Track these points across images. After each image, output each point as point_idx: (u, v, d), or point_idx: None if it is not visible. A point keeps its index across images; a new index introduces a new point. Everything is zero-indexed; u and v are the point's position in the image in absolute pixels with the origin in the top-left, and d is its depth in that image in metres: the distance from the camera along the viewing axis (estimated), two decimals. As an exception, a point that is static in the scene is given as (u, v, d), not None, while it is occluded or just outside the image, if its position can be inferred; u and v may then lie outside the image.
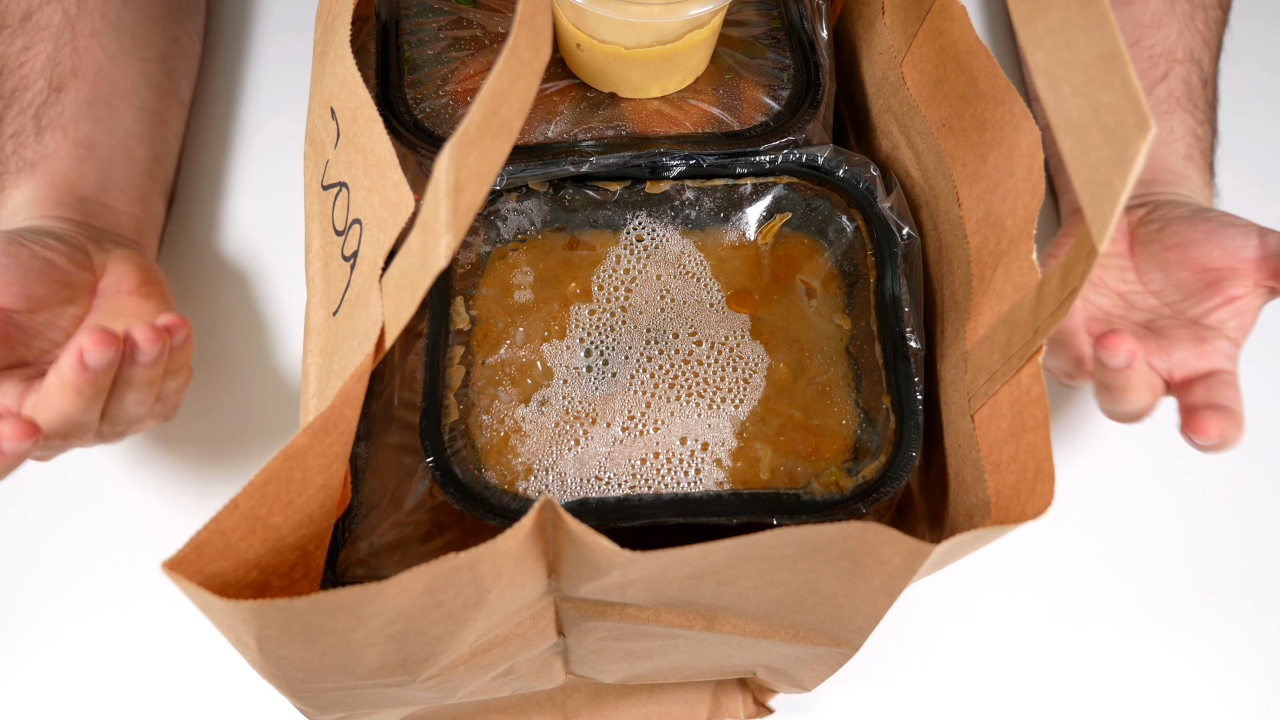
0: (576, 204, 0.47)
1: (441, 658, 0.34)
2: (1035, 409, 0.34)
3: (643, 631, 0.39)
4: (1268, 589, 0.58)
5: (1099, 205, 0.28)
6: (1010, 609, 0.57)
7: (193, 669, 0.54)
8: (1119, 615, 0.57)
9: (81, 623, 0.55)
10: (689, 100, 0.48)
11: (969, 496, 0.39)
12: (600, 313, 0.46)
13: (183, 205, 0.64)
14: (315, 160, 0.43)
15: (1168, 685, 0.56)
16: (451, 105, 0.48)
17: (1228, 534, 0.59)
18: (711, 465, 0.43)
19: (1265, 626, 0.57)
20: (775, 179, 0.47)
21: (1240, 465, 0.61)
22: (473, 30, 0.50)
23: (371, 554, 0.43)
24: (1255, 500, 0.60)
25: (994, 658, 0.56)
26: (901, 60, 0.46)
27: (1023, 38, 0.30)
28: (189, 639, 0.54)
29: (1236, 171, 0.69)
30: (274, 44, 0.70)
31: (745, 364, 0.45)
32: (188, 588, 0.27)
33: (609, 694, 0.53)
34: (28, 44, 0.56)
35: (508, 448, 0.43)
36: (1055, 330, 0.41)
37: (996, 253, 0.39)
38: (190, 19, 0.66)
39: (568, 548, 0.31)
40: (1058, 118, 0.29)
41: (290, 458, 0.30)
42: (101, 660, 0.54)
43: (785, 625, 0.38)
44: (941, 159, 0.44)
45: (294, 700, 0.36)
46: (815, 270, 0.47)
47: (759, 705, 0.54)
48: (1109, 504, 0.59)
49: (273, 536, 0.31)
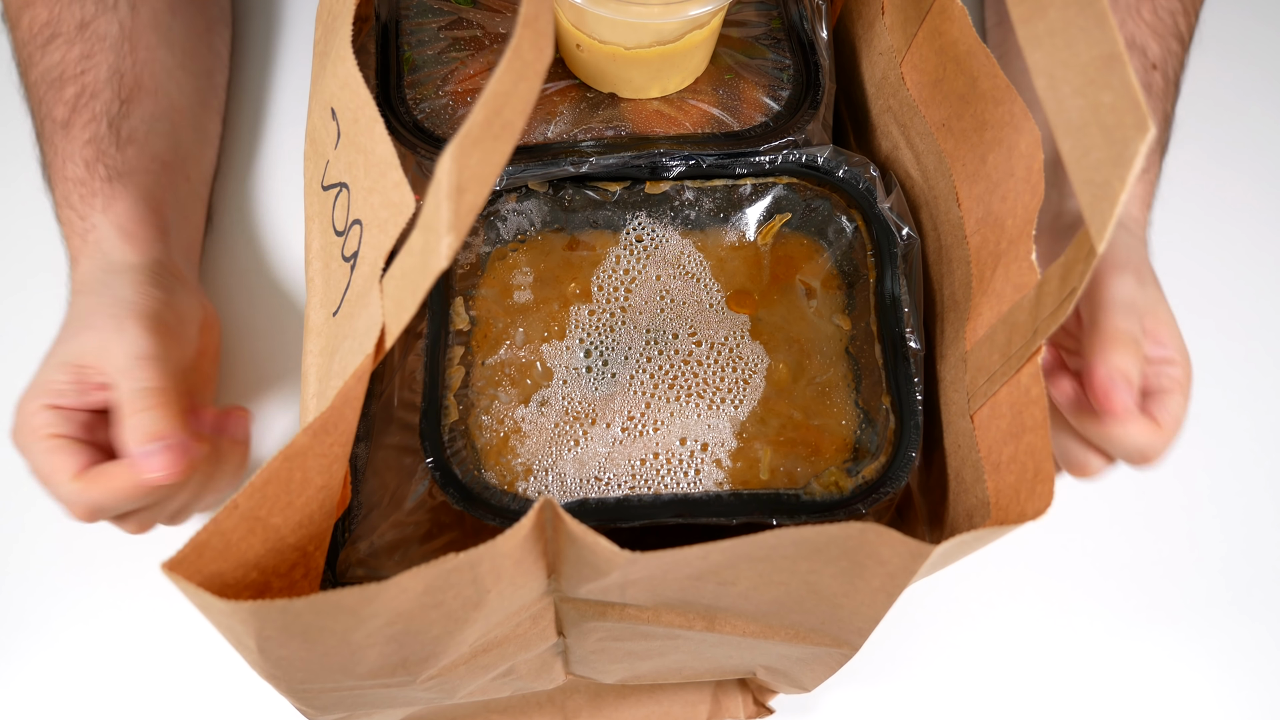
0: (576, 204, 0.47)
1: (441, 658, 0.34)
2: (1035, 409, 0.34)
3: (643, 632, 0.39)
4: (1265, 593, 0.58)
5: (1098, 205, 0.28)
6: (1010, 609, 0.57)
7: (193, 669, 0.54)
8: (1118, 615, 0.57)
9: (82, 623, 0.55)
10: (689, 100, 0.48)
11: (969, 497, 0.39)
12: (600, 313, 0.46)
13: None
14: (315, 160, 0.43)
15: (1166, 686, 0.56)
16: (451, 105, 0.48)
17: (1228, 535, 0.59)
18: (711, 466, 0.43)
19: (1262, 630, 0.57)
20: (775, 179, 0.47)
21: (1241, 468, 0.61)
22: (473, 30, 0.50)
23: (371, 554, 0.43)
24: (1255, 503, 0.60)
25: (994, 658, 0.56)
26: (901, 60, 0.46)
27: (1023, 38, 0.30)
28: (189, 640, 0.54)
29: (1236, 171, 0.69)
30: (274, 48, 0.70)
31: (745, 364, 0.45)
32: (187, 588, 0.27)
33: (609, 694, 0.53)
34: (86, 53, 0.56)
35: (507, 448, 0.43)
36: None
37: (996, 253, 0.39)
38: (226, 29, 0.66)
39: (568, 548, 0.31)
40: (1057, 118, 0.29)
41: (290, 458, 0.30)
42: (102, 661, 0.54)
43: (785, 626, 0.38)
44: (941, 159, 0.44)
45: (294, 700, 0.36)
46: (815, 270, 0.47)
47: (759, 705, 0.54)
48: (1109, 504, 0.59)
49: (272, 537, 0.31)
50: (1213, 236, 0.67)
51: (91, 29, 0.56)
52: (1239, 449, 0.61)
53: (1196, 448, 0.61)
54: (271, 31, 0.70)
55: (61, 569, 0.56)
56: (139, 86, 0.56)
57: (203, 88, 0.61)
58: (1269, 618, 0.57)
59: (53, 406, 0.47)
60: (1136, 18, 0.59)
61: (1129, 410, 0.43)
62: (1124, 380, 0.43)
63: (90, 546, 0.56)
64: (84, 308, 0.50)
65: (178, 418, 0.46)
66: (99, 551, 0.56)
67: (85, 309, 0.50)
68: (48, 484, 0.47)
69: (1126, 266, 0.48)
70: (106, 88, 0.55)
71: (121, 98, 0.56)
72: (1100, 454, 0.48)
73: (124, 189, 0.54)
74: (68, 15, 0.56)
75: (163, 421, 0.45)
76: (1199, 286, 0.65)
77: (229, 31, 0.67)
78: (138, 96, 0.56)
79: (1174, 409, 0.46)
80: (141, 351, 0.47)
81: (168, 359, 0.48)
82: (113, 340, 0.48)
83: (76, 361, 0.48)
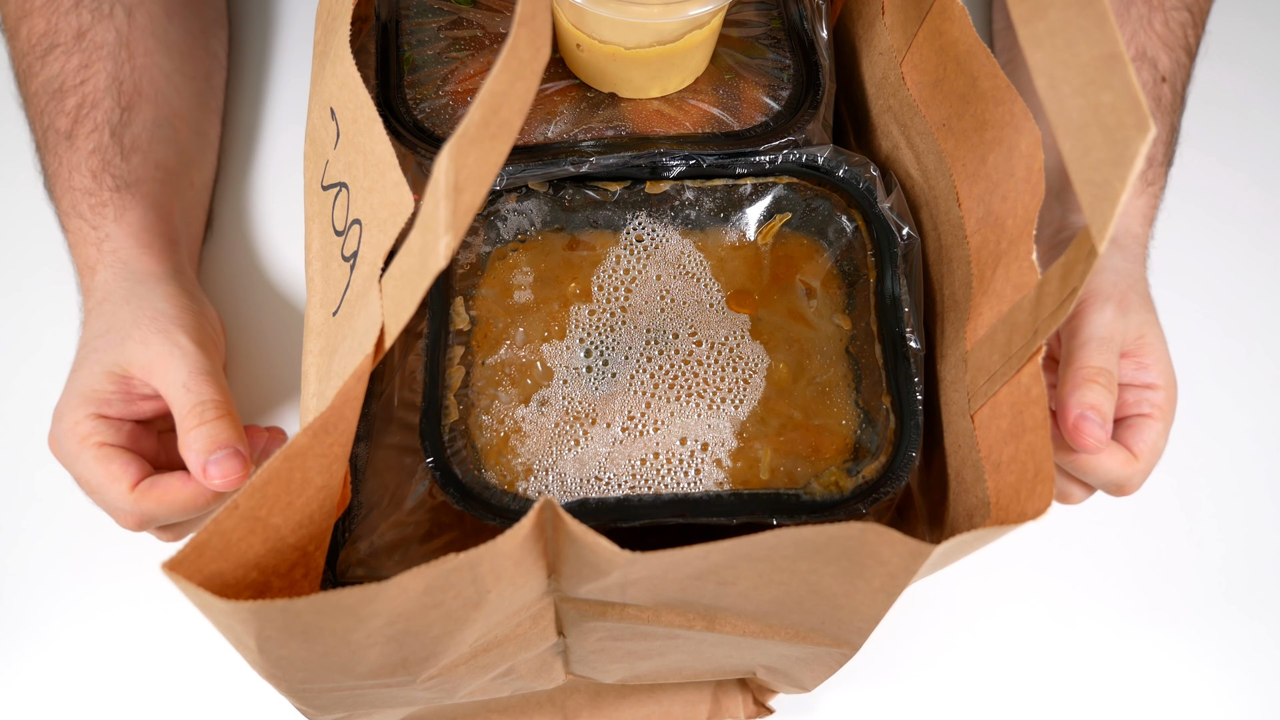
0: (576, 204, 0.47)
1: (441, 658, 0.34)
2: (1035, 409, 0.34)
3: (643, 632, 0.39)
4: (1267, 590, 0.58)
5: (1099, 205, 0.28)
6: (1010, 609, 0.57)
7: (193, 669, 0.54)
8: (1118, 615, 0.57)
9: (82, 624, 0.55)
10: (689, 100, 0.48)
11: (969, 497, 0.39)
12: (600, 313, 0.46)
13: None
14: (315, 160, 0.43)
15: (1166, 686, 0.56)
16: (451, 105, 0.48)
17: (1228, 535, 0.59)
18: (711, 465, 0.43)
19: (1265, 627, 0.57)
20: (775, 179, 0.47)
21: (1242, 467, 0.61)
22: (473, 30, 0.50)
23: (371, 554, 0.43)
24: (1254, 503, 0.60)
25: (994, 658, 0.56)
26: (901, 60, 0.46)
27: (1023, 38, 0.30)
28: (189, 639, 0.54)
29: (1236, 171, 0.69)
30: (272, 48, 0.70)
31: (745, 364, 0.45)
32: (188, 588, 0.27)
33: (609, 694, 0.53)
34: (85, 62, 0.56)
35: (508, 448, 0.43)
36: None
37: (996, 253, 0.39)
38: (223, 31, 0.66)
39: (568, 548, 0.31)
40: (1057, 118, 0.29)
41: (290, 458, 0.30)
42: (102, 661, 0.54)
43: (785, 625, 0.38)
44: (941, 159, 0.44)
45: (294, 700, 0.36)
46: (815, 270, 0.47)
47: (759, 705, 0.54)
48: (1109, 504, 0.59)
49: (273, 537, 0.31)
50: (1213, 236, 0.67)
51: (89, 38, 0.56)
52: (1239, 449, 0.61)
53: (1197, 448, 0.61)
54: (269, 32, 0.70)
55: (61, 569, 0.56)
56: (139, 93, 0.57)
57: (202, 91, 0.61)
58: (1269, 618, 0.57)
59: (99, 416, 0.48)
60: (1149, 29, 0.59)
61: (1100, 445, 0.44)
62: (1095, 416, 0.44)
63: (90, 547, 0.56)
64: (123, 319, 0.50)
65: (237, 428, 0.47)
66: (99, 551, 0.56)
67: (125, 320, 0.50)
68: (99, 493, 0.47)
69: (1109, 298, 0.49)
70: (106, 96, 0.56)
71: (122, 105, 0.56)
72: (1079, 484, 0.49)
73: (134, 198, 0.54)
74: (65, 25, 0.56)
75: (227, 431, 0.46)
76: (1199, 286, 0.65)
77: (226, 33, 0.66)
78: (138, 104, 0.56)
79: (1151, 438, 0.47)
80: (198, 365, 0.48)
81: (216, 370, 0.49)
82: (168, 354, 0.48)
83: (123, 372, 0.49)
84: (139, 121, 0.56)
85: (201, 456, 0.45)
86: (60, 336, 0.58)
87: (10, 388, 0.60)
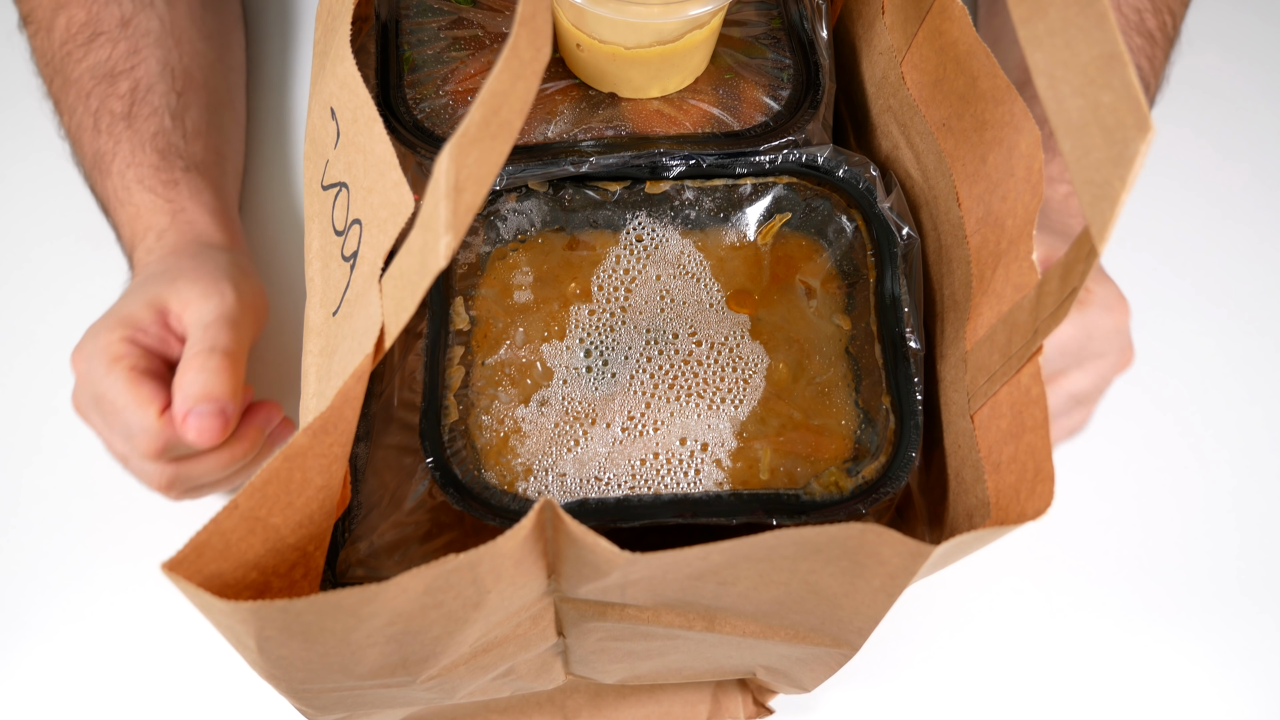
0: (576, 204, 0.47)
1: (441, 658, 0.34)
2: (1035, 409, 0.34)
3: (643, 632, 0.39)
4: (1268, 589, 0.58)
5: (1099, 206, 0.28)
6: (1010, 609, 0.57)
7: (193, 669, 0.54)
8: (1119, 615, 0.57)
9: (81, 623, 0.55)
10: (689, 100, 0.48)
11: (969, 497, 0.39)
12: (600, 313, 0.46)
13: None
14: (315, 160, 0.43)
15: (1167, 685, 0.56)
16: (451, 105, 0.48)
17: (1229, 534, 0.59)
18: (711, 466, 0.43)
19: (1266, 626, 0.57)
20: (775, 179, 0.47)
21: (1243, 464, 0.61)
22: (473, 30, 0.50)
23: (371, 554, 0.43)
24: (1256, 500, 0.60)
25: (994, 658, 0.56)
26: (901, 60, 0.46)
27: (1023, 38, 0.30)
28: (189, 640, 0.54)
29: (1236, 171, 0.69)
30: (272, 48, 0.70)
31: (745, 364, 0.45)
32: (187, 588, 0.27)
33: (609, 694, 0.53)
34: (133, 48, 0.56)
35: (507, 448, 0.43)
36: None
37: (996, 253, 0.39)
38: (241, 27, 0.67)
39: (568, 548, 0.31)
40: (1057, 118, 0.29)
41: (290, 458, 0.30)
42: (102, 661, 0.54)
43: (785, 626, 0.38)
44: (941, 159, 0.44)
45: (294, 700, 0.36)
46: (815, 270, 0.47)
47: (759, 705, 0.54)
48: (1109, 504, 0.59)
49: (272, 537, 0.31)
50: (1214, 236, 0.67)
51: (134, 25, 0.56)
52: (1239, 449, 0.61)
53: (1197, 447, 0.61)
54: (268, 32, 0.70)
55: (61, 569, 0.56)
56: (190, 80, 0.57)
57: (235, 83, 0.62)
58: (1269, 617, 0.57)
59: (133, 341, 0.47)
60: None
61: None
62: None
63: (90, 547, 0.56)
64: (185, 266, 0.50)
65: (234, 386, 0.46)
66: (99, 551, 0.56)
67: (186, 267, 0.50)
68: (123, 414, 0.46)
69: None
70: (160, 81, 0.56)
71: (176, 90, 0.56)
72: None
73: (204, 181, 0.55)
74: (107, 14, 0.56)
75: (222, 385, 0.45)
76: (1199, 285, 0.65)
77: (243, 31, 0.67)
78: (191, 89, 0.57)
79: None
80: (228, 313, 0.48)
81: (243, 331, 0.49)
82: (206, 294, 0.48)
83: (163, 306, 0.49)
84: (195, 107, 0.57)
85: (188, 401, 0.45)
86: (60, 336, 0.58)
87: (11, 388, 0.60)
